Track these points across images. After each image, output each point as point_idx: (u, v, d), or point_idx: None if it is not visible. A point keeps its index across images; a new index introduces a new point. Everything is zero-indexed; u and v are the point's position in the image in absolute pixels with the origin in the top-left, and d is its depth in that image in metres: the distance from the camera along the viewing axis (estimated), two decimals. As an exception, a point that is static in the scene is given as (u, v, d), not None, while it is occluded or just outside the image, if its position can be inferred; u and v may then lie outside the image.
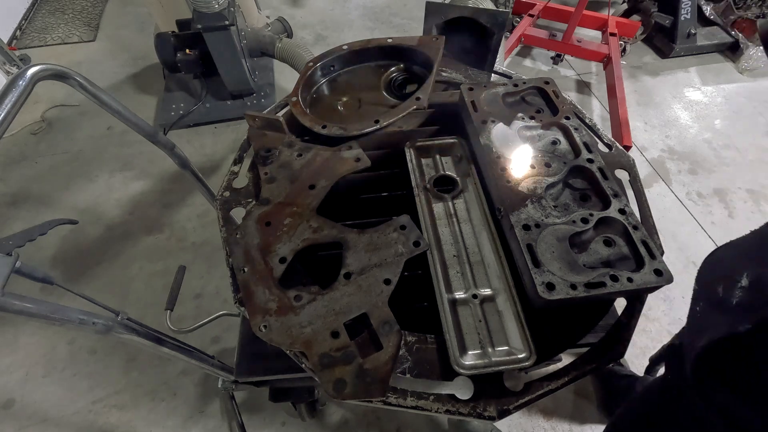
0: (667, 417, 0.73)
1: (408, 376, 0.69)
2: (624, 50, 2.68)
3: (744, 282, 0.52)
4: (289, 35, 2.61)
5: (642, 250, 0.70)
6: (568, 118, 0.91)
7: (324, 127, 0.94)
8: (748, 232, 0.61)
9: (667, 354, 0.81)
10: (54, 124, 2.43)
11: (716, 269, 0.62)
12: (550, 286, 0.64)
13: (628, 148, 2.15)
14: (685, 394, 0.66)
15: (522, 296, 0.73)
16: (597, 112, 2.54)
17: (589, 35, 2.97)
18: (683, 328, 1.06)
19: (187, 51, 2.12)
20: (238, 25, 2.08)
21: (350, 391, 0.61)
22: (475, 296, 0.77)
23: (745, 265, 0.54)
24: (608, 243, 0.74)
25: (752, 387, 0.53)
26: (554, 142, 0.89)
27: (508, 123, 0.91)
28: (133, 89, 2.62)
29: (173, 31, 2.15)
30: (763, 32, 0.57)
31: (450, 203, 0.91)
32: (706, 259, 0.66)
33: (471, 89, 0.98)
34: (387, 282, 0.71)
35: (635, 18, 2.88)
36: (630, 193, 0.91)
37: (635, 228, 0.72)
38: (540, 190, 0.78)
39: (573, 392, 1.55)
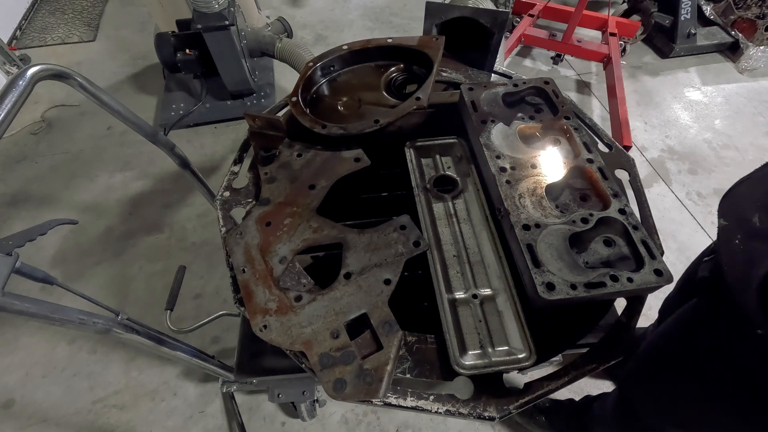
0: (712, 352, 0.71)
1: (408, 376, 0.70)
2: (624, 50, 2.68)
3: None
4: (289, 35, 2.61)
5: (642, 250, 0.70)
6: (568, 118, 0.91)
7: (324, 127, 0.94)
8: None
9: (696, 289, 0.77)
10: (54, 124, 2.42)
11: (743, 203, 0.64)
12: (550, 286, 0.64)
13: (628, 148, 2.15)
14: (729, 326, 0.67)
15: (522, 296, 0.73)
16: (597, 112, 2.54)
17: (589, 35, 2.97)
18: (693, 265, 1.04)
19: (187, 51, 2.12)
20: (238, 25, 2.08)
21: (350, 391, 0.61)
22: (475, 296, 0.77)
23: None
24: (608, 243, 0.74)
25: None
26: (554, 142, 0.89)
27: (508, 123, 0.91)
28: (133, 89, 2.62)
29: (173, 31, 2.15)
30: None
31: (450, 203, 0.91)
32: (726, 195, 0.69)
33: (471, 89, 0.98)
34: (387, 282, 0.71)
35: (635, 18, 2.88)
36: (630, 193, 0.91)
37: (635, 228, 0.72)
38: (540, 190, 0.79)
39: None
